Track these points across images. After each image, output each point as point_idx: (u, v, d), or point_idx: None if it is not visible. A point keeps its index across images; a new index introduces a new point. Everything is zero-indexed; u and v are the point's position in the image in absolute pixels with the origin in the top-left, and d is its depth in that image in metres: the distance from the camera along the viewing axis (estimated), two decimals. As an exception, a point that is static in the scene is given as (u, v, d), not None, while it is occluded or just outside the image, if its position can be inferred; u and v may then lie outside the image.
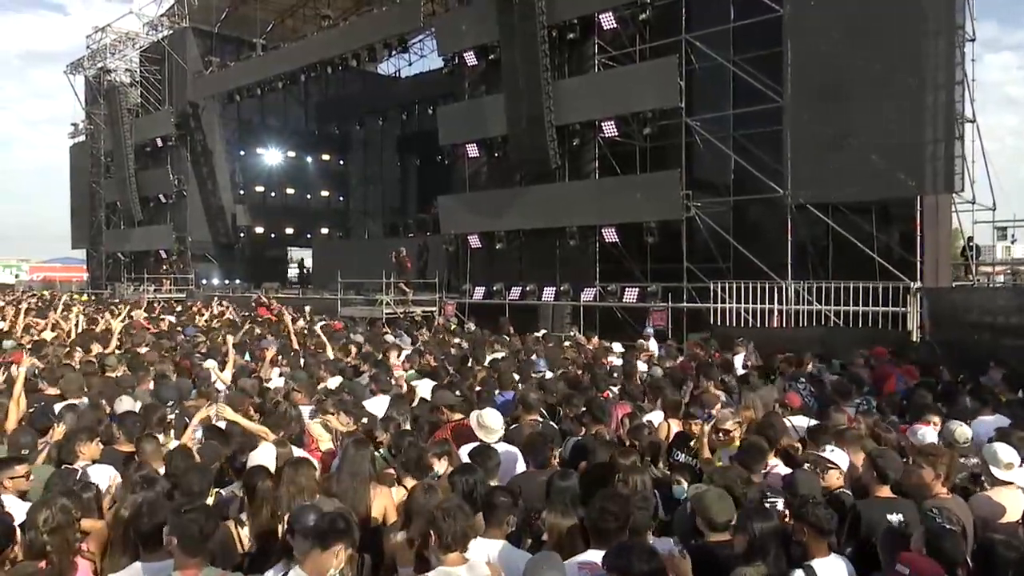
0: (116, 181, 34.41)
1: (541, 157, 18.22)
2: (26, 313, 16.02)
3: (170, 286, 31.51)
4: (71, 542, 3.37)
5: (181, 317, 18.15)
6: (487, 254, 20.55)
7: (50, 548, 3.28)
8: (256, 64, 29.07)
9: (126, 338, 11.94)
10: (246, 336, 12.68)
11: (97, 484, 4.36)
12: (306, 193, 38.10)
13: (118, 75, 34.98)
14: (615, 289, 17.82)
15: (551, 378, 8.84)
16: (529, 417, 6.04)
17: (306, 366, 9.10)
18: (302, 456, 4.77)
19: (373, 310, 19.99)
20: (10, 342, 11.16)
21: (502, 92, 19.10)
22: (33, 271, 74.37)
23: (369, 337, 12.72)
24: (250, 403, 6.77)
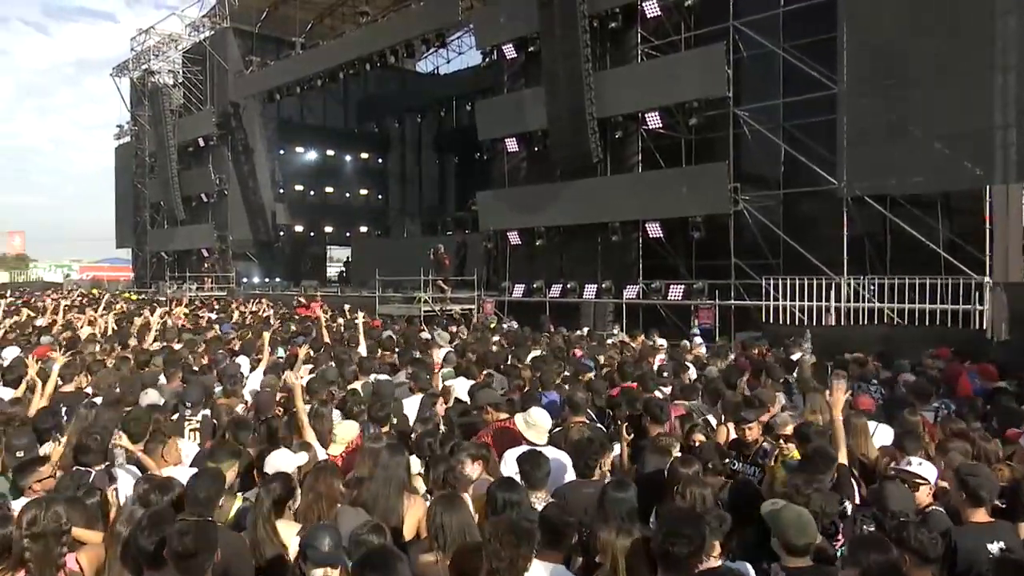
0: (159, 181, 34.88)
1: (582, 151, 17.70)
2: (68, 310, 16.07)
3: (212, 284, 31.78)
4: (54, 555, 2.99)
5: (220, 314, 18.07)
6: (527, 251, 20.09)
7: (29, 556, 2.92)
8: (295, 63, 29.07)
9: (164, 335, 11.80)
10: (279, 334, 12.43)
11: (102, 489, 4.03)
12: (345, 192, 38.14)
13: (161, 77, 35.47)
14: (659, 286, 17.22)
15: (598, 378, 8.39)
16: (576, 420, 5.57)
17: (337, 363, 8.75)
18: (325, 461, 4.38)
19: (411, 308, 19.69)
20: (48, 338, 11.06)
21: (542, 85, 18.63)
22: (83, 271, 76.27)
23: (405, 335, 12.35)
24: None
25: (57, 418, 5.54)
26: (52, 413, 5.55)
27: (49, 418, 5.50)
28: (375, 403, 5.79)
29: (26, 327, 12.72)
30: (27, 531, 2.96)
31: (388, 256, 26.22)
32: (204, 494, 3.49)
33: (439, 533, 3.37)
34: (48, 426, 5.39)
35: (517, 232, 19.99)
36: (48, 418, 5.51)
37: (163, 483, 3.97)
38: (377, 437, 4.83)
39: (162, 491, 3.71)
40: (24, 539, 2.94)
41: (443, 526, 3.38)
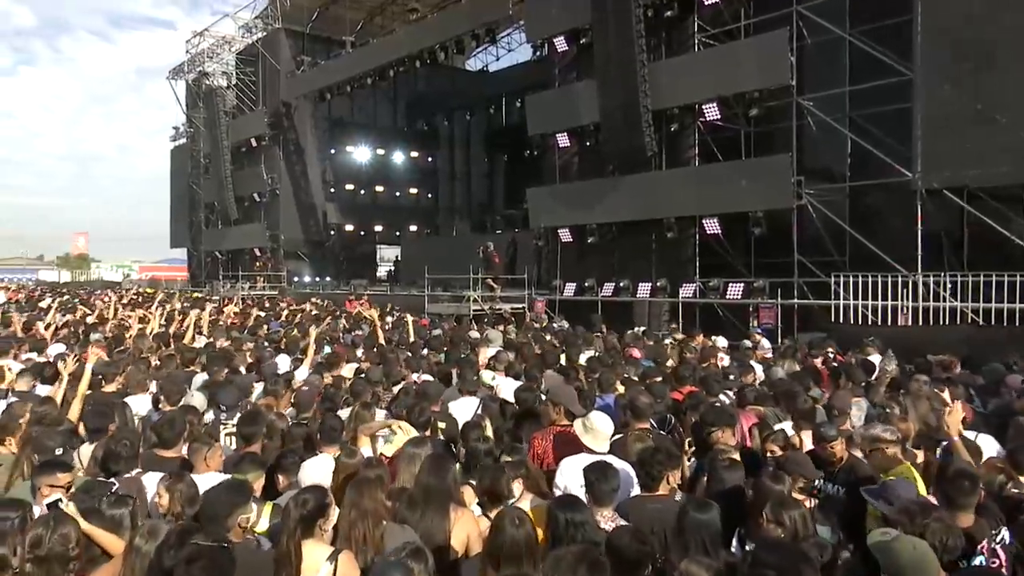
0: (213, 182, 35.40)
1: (636, 144, 17.11)
2: (122, 308, 16.19)
3: (264, 283, 32.07)
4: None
5: (270, 313, 17.99)
6: (578, 248, 19.57)
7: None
8: (346, 62, 29.11)
9: (213, 333, 11.66)
10: (329, 331, 12.19)
11: (134, 498, 3.70)
12: (395, 191, 38.14)
13: (215, 79, 36.02)
14: (717, 285, 16.51)
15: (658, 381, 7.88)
16: (639, 426, 5.08)
17: (384, 362, 8.43)
18: (370, 473, 3.98)
19: (460, 307, 19.39)
20: (97, 335, 11.00)
21: (594, 78, 18.11)
22: (143, 271, 78.54)
23: (452, 334, 11.98)
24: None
25: (107, 419, 5.25)
26: (101, 413, 5.25)
27: (98, 418, 5.22)
28: (416, 406, 5.37)
29: (78, 325, 12.75)
30: (30, 553, 2.62)
31: (437, 255, 25.93)
32: (218, 510, 3.12)
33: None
34: (98, 426, 5.15)
35: (568, 229, 19.49)
36: (97, 418, 5.23)
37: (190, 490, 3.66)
38: (420, 442, 4.42)
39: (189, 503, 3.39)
40: (27, 563, 2.60)
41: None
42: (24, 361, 8.66)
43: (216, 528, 2.98)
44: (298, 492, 3.44)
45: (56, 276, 78.92)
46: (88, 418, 5.29)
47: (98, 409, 5.42)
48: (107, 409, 5.45)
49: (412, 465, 4.22)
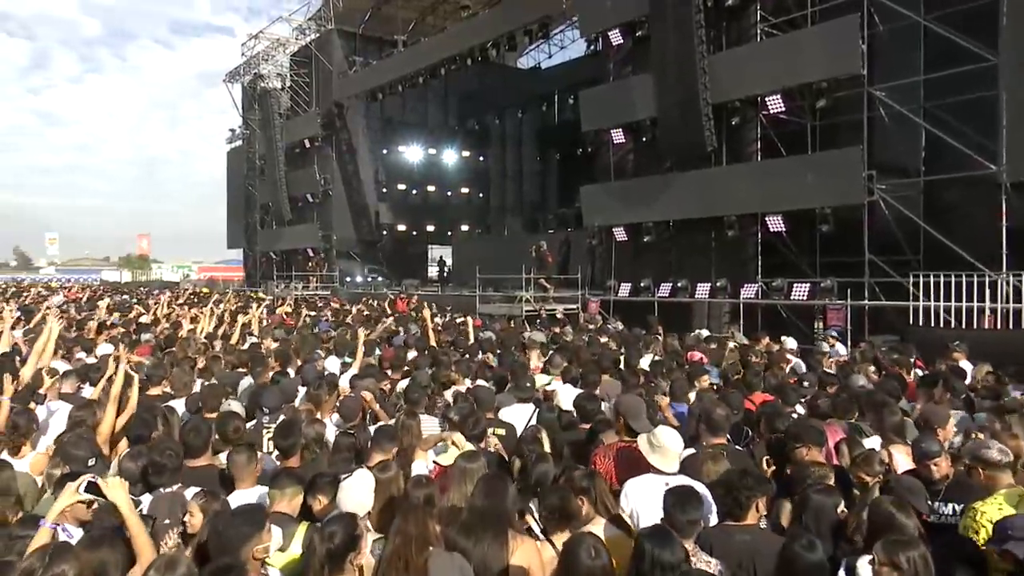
0: (268, 182, 35.82)
1: (695, 139, 16.47)
2: (176, 307, 16.25)
3: (316, 284, 32.27)
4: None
5: (319, 313, 17.89)
6: (634, 247, 18.99)
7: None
8: (397, 61, 29.04)
9: (261, 333, 11.53)
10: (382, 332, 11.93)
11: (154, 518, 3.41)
12: (446, 190, 38.06)
13: (270, 81, 36.43)
14: (781, 285, 15.77)
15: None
16: (714, 441, 4.60)
17: (437, 365, 8.09)
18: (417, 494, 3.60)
19: (512, 307, 19.02)
20: (148, 335, 10.94)
21: (650, 71, 17.55)
22: (201, 271, 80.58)
23: (504, 336, 11.58)
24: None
25: (150, 427, 4.99)
26: (144, 422, 5.00)
27: (141, 426, 4.97)
28: (471, 416, 4.98)
29: (131, 324, 12.76)
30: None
31: (489, 255, 25.64)
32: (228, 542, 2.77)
33: None
34: (141, 434, 4.89)
35: (623, 228, 18.93)
36: (140, 425, 4.98)
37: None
38: (473, 456, 4.03)
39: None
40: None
41: None
42: (75, 361, 8.60)
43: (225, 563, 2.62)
44: (325, 522, 3.07)
45: (118, 276, 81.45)
46: (131, 425, 5.05)
47: (142, 416, 5.18)
48: (150, 416, 5.21)
49: (464, 482, 3.85)
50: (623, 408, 4.63)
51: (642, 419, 4.51)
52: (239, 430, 4.90)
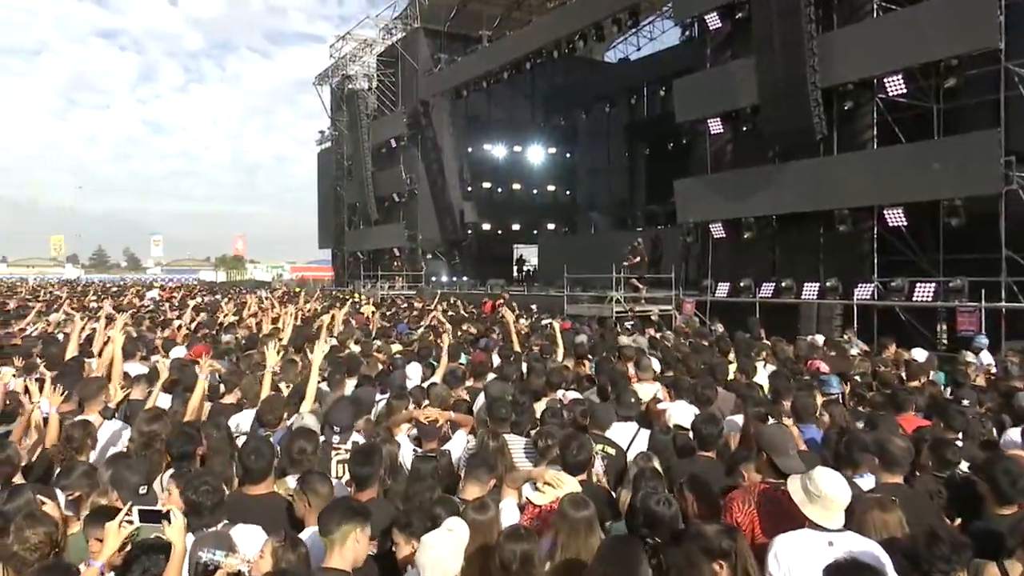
0: (355, 183, 36.11)
1: (802, 126, 15.17)
2: (264, 306, 16.12)
3: (403, 283, 32.22)
4: None
5: (403, 313, 17.43)
6: (733, 244, 17.76)
7: None
8: (482, 56, 28.57)
9: (342, 335, 11.05)
10: (464, 336, 11.30)
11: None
12: (532, 188, 37.42)
13: (357, 81, 36.71)
14: (901, 285, 14.31)
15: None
16: (890, 480, 3.66)
17: (531, 372, 7.35)
18: (514, 548, 2.84)
19: (602, 308, 18.11)
20: (228, 336, 10.65)
21: (752, 55, 16.31)
22: (294, 271, 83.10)
23: (598, 340, 10.70)
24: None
25: (194, 443, 4.41)
26: (187, 436, 4.43)
27: (183, 442, 4.39)
28: (572, 442, 4.19)
29: (212, 324, 12.59)
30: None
31: (575, 253, 24.74)
32: None
33: None
34: (183, 452, 4.34)
35: (721, 224, 17.72)
36: (183, 441, 4.41)
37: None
38: (582, 503, 3.24)
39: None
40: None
41: None
42: (156, 363, 8.29)
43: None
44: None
45: (214, 276, 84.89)
46: (172, 441, 4.46)
47: (183, 430, 4.59)
48: (193, 430, 4.61)
49: (578, 536, 3.08)
50: (766, 442, 3.72)
51: (791, 456, 3.62)
52: (304, 451, 4.26)
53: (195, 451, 4.34)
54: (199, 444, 4.38)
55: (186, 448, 4.30)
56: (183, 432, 4.43)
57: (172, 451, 4.33)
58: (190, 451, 4.30)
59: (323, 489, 3.59)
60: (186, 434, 4.40)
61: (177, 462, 4.23)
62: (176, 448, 4.28)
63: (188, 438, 4.36)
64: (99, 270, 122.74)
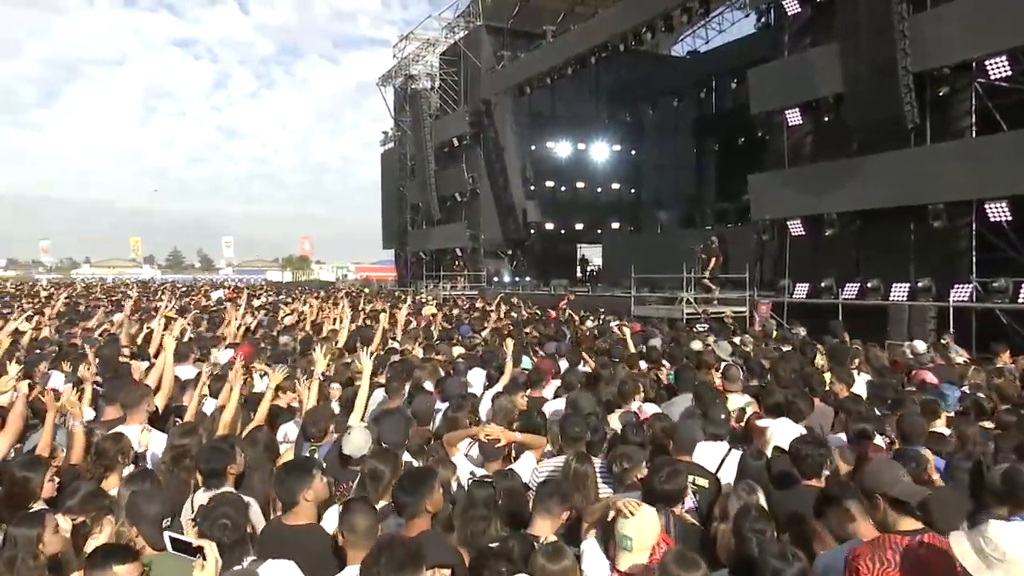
0: (418, 183, 36.02)
1: (892, 114, 14.10)
2: (326, 308, 15.86)
3: (464, 283, 31.91)
4: None
5: (474, 314, 16.86)
6: (812, 243, 16.72)
7: None
8: (546, 52, 27.95)
9: (404, 337, 10.59)
10: (528, 339, 10.71)
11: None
12: (596, 186, 36.56)
13: (420, 81, 36.62)
14: (1005, 285, 13.11)
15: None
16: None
17: (597, 380, 6.72)
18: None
19: (672, 309, 17.29)
20: (286, 338, 10.32)
21: (835, 41, 15.32)
22: (358, 271, 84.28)
23: (673, 345, 9.94)
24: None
25: (226, 458, 3.92)
26: (218, 452, 3.95)
27: (215, 457, 3.91)
28: (663, 469, 3.55)
29: (272, 326, 12.32)
30: None
31: (641, 253, 23.88)
32: None
33: None
34: (214, 469, 3.87)
35: (800, 221, 16.70)
36: (214, 456, 3.91)
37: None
38: (691, 563, 2.58)
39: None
40: None
41: None
42: (212, 365, 7.96)
43: None
44: None
45: (280, 277, 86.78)
46: (201, 456, 3.99)
47: (215, 444, 4.11)
48: (227, 445, 4.11)
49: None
50: (874, 479, 2.98)
51: (904, 481, 2.89)
52: (379, 477, 3.72)
53: (226, 468, 3.86)
54: (231, 460, 3.90)
55: (215, 465, 3.84)
56: (213, 447, 3.97)
57: (201, 468, 3.87)
58: (220, 468, 3.83)
59: (363, 523, 3.05)
60: (215, 449, 3.93)
61: (208, 480, 3.78)
62: (205, 464, 3.83)
63: (218, 454, 3.89)
64: (175, 270, 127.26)
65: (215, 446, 3.97)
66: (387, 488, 3.64)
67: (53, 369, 6.65)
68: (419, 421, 5.21)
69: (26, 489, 3.72)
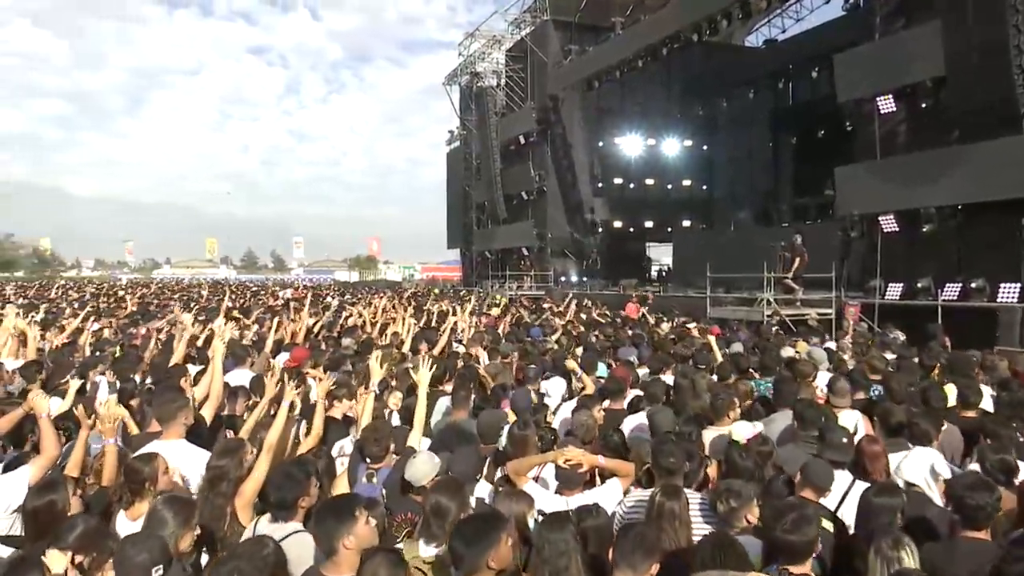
0: (484, 182, 35.67)
1: (1002, 97, 12.82)
2: (391, 309, 15.48)
3: (531, 283, 31.35)
4: None
5: (542, 316, 16.17)
6: (906, 239, 15.49)
7: None
8: (615, 45, 27.13)
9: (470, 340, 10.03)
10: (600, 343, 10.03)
11: None
12: (666, 183, 35.42)
13: (486, 79, 36.26)
14: None
15: None
16: None
17: (683, 394, 6.02)
18: None
19: (751, 311, 16.29)
20: (348, 340, 9.90)
21: (932, 21, 14.08)
22: (425, 271, 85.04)
23: (760, 350, 9.06)
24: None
25: (298, 488, 3.39)
26: (292, 479, 3.42)
27: (287, 485, 3.40)
28: (788, 514, 2.85)
29: (334, 328, 11.95)
30: None
31: (714, 251, 22.76)
32: None
33: None
34: (283, 500, 3.37)
35: (893, 216, 15.50)
36: (286, 483, 3.40)
37: None
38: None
39: None
40: None
41: None
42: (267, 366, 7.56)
43: None
44: None
45: (347, 276, 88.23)
46: (272, 483, 3.51)
47: (289, 470, 3.59)
48: (299, 472, 3.59)
49: None
50: None
51: None
52: (444, 513, 3.15)
53: (297, 500, 3.36)
54: (304, 491, 3.39)
55: (284, 495, 3.34)
56: (286, 473, 3.46)
57: (270, 496, 3.39)
58: (290, 500, 3.33)
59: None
60: (288, 476, 3.43)
61: (276, 511, 3.31)
62: (274, 493, 3.35)
63: (290, 482, 3.39)
64: (249, 271, 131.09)
65: (288, 472, 3.46)
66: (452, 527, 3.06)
67: (102, 376, 6.31)
68: (484, 439, 4.63)
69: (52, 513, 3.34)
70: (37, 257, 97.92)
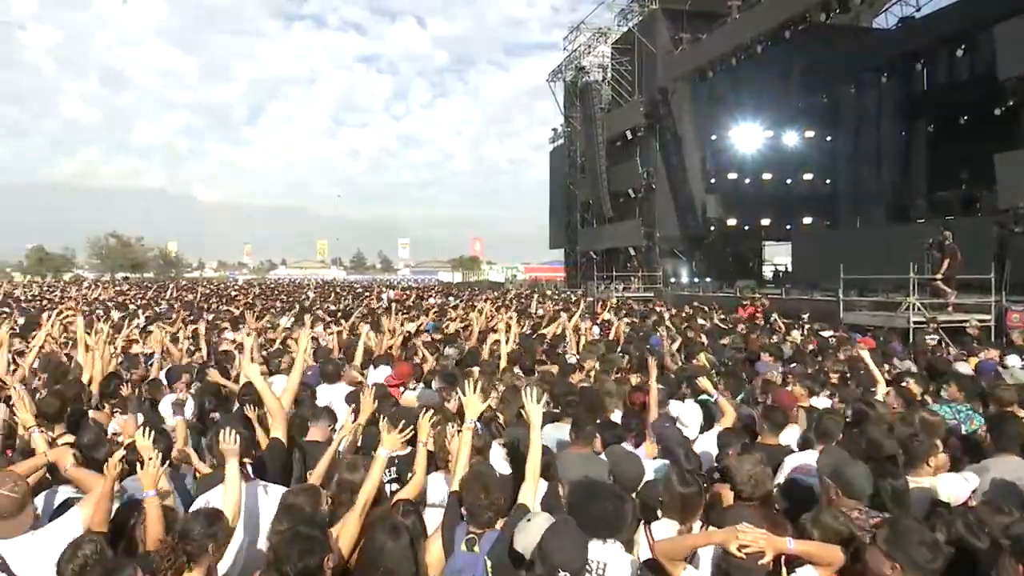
0: (588, 179, 34.77)
1: None
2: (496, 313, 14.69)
3: (639, 285, 30.05)
4: None
5: (647, 321, 14.93)
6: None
7: None
8: (730, 30, 25.49)
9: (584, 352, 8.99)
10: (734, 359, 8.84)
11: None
12: (785, 177, 33.16)
13: (591, 73, 35.27)
14: None
15: None
16: None
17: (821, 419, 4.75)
18: None
19: (892, 316, 14.52)
20: (452, 349, 9.11)
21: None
22: (527, 271, 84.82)
23: (930, 368, 7.60)
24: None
25: (317, 551, 2.59)
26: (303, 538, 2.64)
27: (304, 551, 2.59)
28: None
29: (436, 332, 11.22)
30: None
31: (839, 251, 20.69)
32: None
33: None
34: (308, 563, 2.57)
35: (1067, 208, 13.44)
36: (306, 547, 2.61)
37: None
38: None
39: None
40: None
41: None
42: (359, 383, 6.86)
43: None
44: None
45: (451, 277, 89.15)
46: (282, 555, 2.65)
47: (299, 533, 2.71)
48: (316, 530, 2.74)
49: None
50: None
51: None
52: None
53: (321, 565, 2.57)
54: (323, 552, 2.60)
55: (308, 562, 2.56)
56: (297, 536, 2.66)
57: (286, 569, 2.60)
58: (312, 566, 2.55)
59: None
60: (303, 539, 2.64)
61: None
62: (290, 567, 2.55)
63: (306, 544, 2.60)
64: (358, 271, 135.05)
65: (300, 535, 2.64)
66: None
67: (172, 393, 5.74)
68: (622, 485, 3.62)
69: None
70: (163, 259, 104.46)
